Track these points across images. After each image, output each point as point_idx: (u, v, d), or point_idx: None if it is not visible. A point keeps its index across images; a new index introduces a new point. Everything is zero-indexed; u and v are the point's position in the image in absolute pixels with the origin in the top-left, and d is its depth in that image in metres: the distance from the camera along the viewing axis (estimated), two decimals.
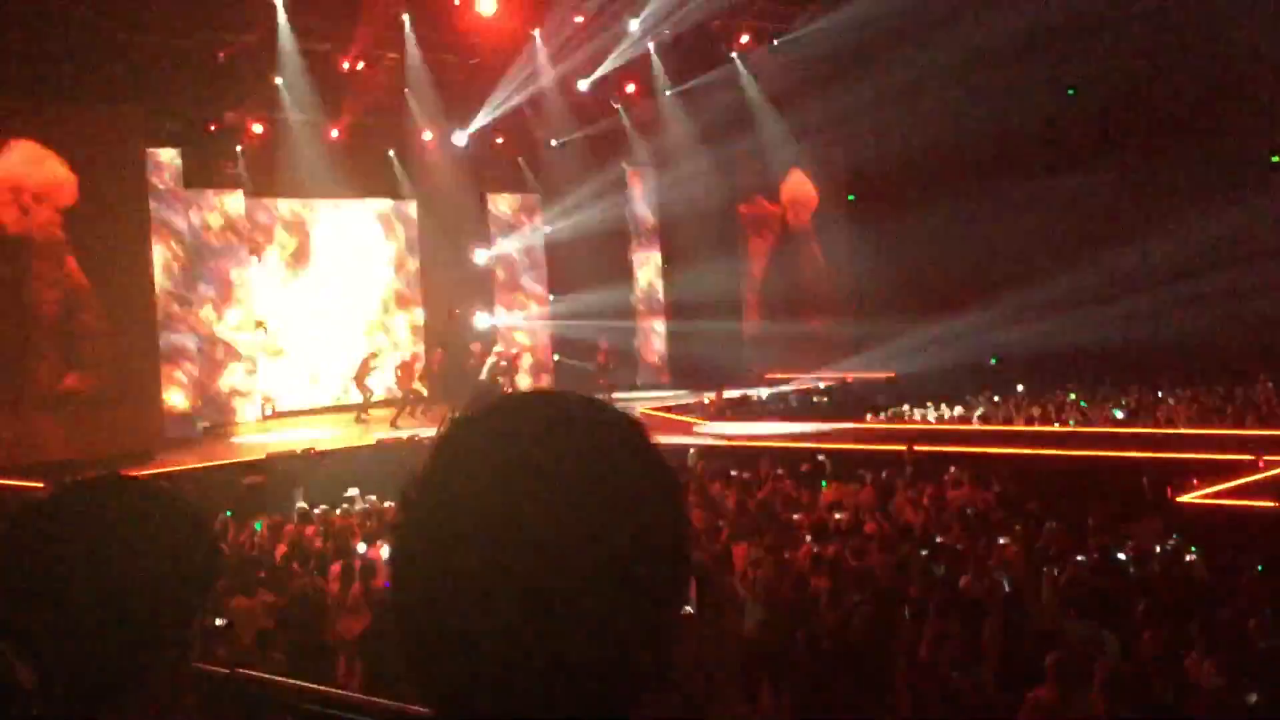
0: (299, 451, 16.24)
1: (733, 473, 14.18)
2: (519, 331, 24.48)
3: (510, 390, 17.11)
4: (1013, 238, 23.76)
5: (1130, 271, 23.61)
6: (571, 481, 0.91)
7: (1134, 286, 23.33)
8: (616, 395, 20.43)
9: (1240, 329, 21.17)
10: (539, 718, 0.89)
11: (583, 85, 22.52)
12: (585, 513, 0.90)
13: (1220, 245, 21.93)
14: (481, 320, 23.62)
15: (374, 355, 21.01)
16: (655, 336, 25.91)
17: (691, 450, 15.65)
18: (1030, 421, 18.09)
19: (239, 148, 20.09)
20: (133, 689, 1.36)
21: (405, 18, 20.11)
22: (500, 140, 23.03)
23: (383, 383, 21.19)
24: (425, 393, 20.41)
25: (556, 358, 24.69)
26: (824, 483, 13.59)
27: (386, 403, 20.61)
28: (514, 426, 0.95)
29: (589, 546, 0.89)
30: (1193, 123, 22.65)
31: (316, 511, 12.81)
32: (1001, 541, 9.63)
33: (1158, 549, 9.47)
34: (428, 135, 21.98)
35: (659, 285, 26.02)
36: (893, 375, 23.38)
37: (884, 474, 13.36)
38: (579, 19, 20.48)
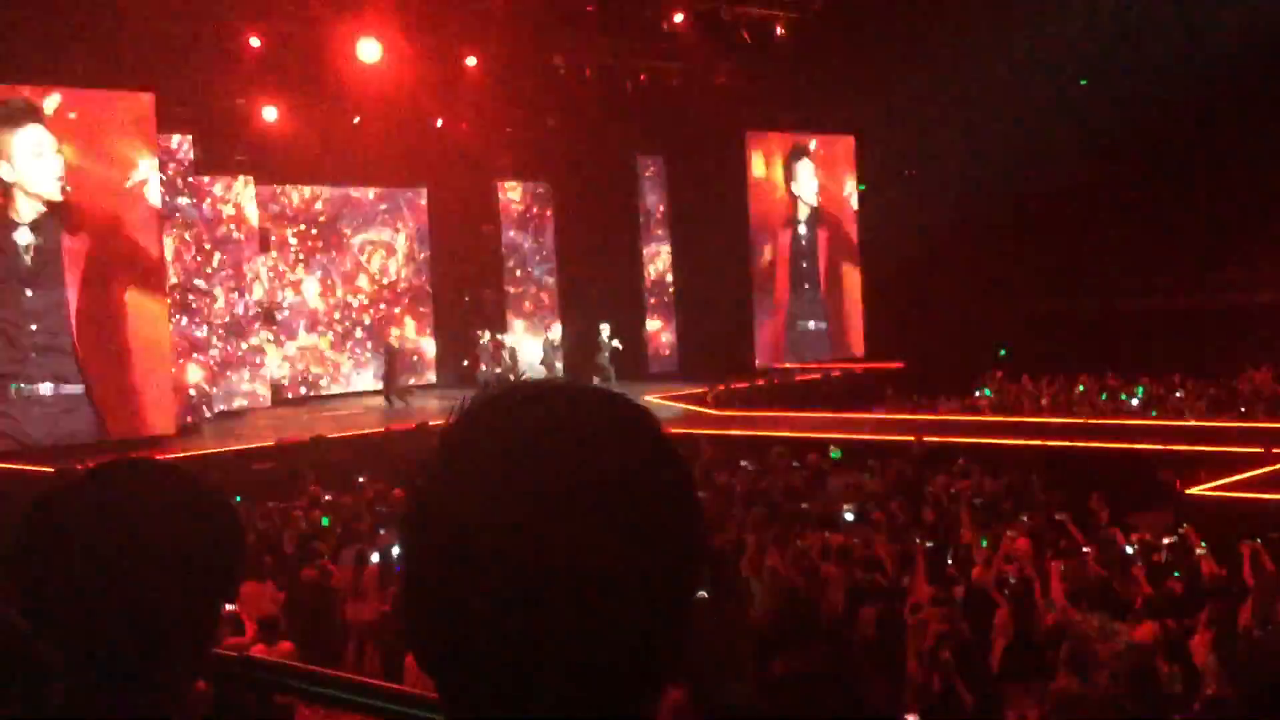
0: (309, 438, 16.28)
1: (742, 462, 14.17)
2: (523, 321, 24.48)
3: (514, 379, 17.03)
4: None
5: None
6: (582, 472, 0.89)
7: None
8: (634, 385, 20.39)
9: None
10: (553, 716, 0.87)
11: (594, 72, 22.39)
12: (597, 504, 0.88)
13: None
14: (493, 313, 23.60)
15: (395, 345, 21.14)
16: (665, 326, 25.82)
17: (701, 440, 15.63)
18: (1039, 412, 18.05)
19: (250, 134, 20.07)
20: (158, 674, 1.35)
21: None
22: (510, 128, 22.96)
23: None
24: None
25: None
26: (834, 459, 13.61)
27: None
28: (522, 416, 0.92)
29: (601, 539, 0.87)
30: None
31: (326, 498, 12.84)
32: (1010, 533, 9.61)
33: (1165, 540, 9.45)
34: (439, 122, 21.93)
35: (669, 275, 25.91)
36: (901, 365, 23.28)
37: (893, 464, 13.33)
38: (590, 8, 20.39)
